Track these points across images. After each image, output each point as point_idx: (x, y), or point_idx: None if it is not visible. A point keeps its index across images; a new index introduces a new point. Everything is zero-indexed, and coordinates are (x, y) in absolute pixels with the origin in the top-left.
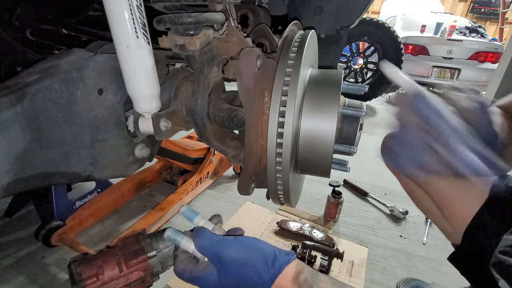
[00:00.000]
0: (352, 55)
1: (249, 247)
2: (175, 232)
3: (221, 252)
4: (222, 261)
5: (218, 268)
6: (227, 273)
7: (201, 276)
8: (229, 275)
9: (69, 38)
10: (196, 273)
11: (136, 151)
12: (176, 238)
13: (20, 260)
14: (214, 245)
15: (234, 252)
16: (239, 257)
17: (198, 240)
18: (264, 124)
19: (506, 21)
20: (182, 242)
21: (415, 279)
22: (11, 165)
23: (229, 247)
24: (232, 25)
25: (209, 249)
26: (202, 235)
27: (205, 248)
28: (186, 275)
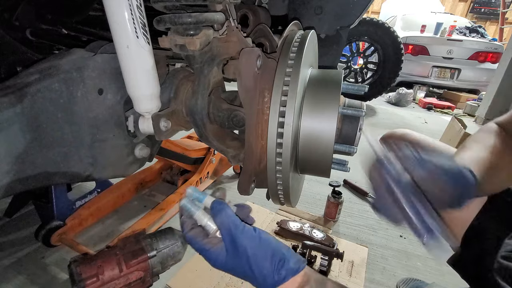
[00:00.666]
0: (352, 55)
1: (265, 245)
2: (190, 202)
3: (238, 238)
4: (236, 248)
5: (230, 251)
6: (235, 260)
7: (211, 251)
8: (237, 262)
9: (69, 38)
10: (207, 246)
11: (136, 151)
12: (191, 208)
13: (20, 260)
14: (234, 228)
15: (250, 243)
16: (253, 251)
17: (220, 217)
18: (264, 124)
19: (506, 21)
20: (197, 213)
21: (415, 279)
22: (11, 165)
23: (247, 237)
24: (232, 25)
25: (228, 230)
26: (224, 213)
27: (224, 227)
28: (197, 244)
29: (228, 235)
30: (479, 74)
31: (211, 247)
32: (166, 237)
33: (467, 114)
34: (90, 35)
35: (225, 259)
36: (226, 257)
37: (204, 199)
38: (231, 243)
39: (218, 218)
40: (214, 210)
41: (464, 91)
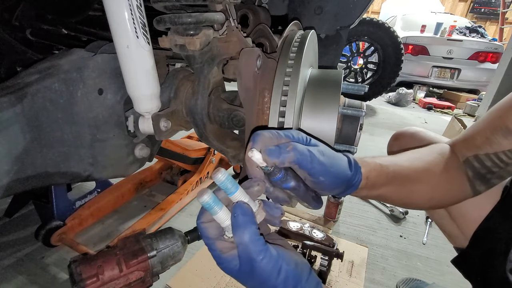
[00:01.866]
0: (352, 55)
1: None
2: (214, 199)
3: (256, 267)
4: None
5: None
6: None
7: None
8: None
9: (69, 38)
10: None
11: (136, 151)
12: (214, 208)
13: (20, 260)
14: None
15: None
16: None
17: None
18: (264, 124)
19: (506, 21)
20: (219, 214)
21: (415, 279)
22: (11, 165)
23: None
24: (232, 25)
25: (246, 255)
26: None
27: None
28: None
29: (245, 259)
30: (479, 74)
31: (222, 253)
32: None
33: (467, 114)
34: (90, 35)
35: (236, 272)
36: (237, 271)
37: (234, 194)
38: (247, 265)
39: (238, 236)
40: (235, 224)
41: (464, 91)
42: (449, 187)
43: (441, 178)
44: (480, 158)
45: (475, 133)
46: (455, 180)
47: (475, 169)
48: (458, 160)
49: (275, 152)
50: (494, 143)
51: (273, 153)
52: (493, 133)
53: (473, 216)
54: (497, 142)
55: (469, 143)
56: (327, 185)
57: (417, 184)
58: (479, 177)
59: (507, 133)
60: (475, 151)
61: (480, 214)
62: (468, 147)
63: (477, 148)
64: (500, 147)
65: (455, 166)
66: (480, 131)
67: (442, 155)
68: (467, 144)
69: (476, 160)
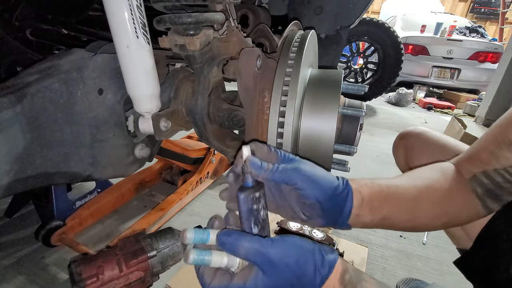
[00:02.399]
0: (352, 55)
1: (298, 248)
2: (199, 252)
3: (270, 253)
4: (273, 262)
5: (267, 271)
6: (276, 277)
7: (247, 285)
8: (279, 278)
9: (69, 38)
10: (239, 283)
11: (136, 151)
12: (205, 258)
13: (20, 260)
14: (261, 248)
15: (284, 252)
16: (291, 259)
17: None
18: (264, 124)
19: (506, 21)
20: (213, 259)
21: (415, 279)
22: (11, 165)
23: (278, 247)
24: (232, 25)
25: (256, 254)
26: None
27: (250, 254)
28: None
29: (258, 257)
30: (479, 74)
31: (245, 281)
32: (166, 237)
33: (467, 114)
34: (90, 35)
35: (265, 282)
36: (265, 279)
37: (209, 238)
38: (265, 262)
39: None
40: (226, 245)
41: (464, 91)
42: (456, 204)
43: (446, 195)
44: (489, 174)
45: (479, 149)
46: (463, 197)
47: (485, 186)
48: (463, 178)
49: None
50: (501, 158)
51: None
52: (498, 148)
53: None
54: (504, 156)
55: (474, 160)
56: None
57: (420, 202)
58: (489, 194)
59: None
60: (483, 167)
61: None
62: (474, 164)
63: (484, 164)
64: (508, 162)
65: (461, 183)
66: (484, 147)
67: (444, 172)
68: (472, 160)
69: (484, 176)
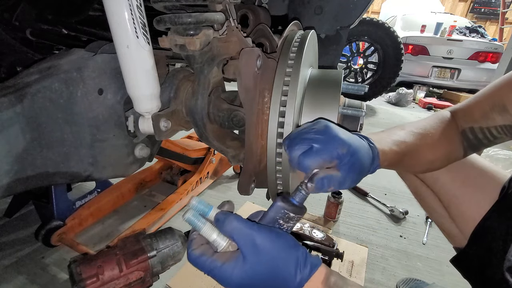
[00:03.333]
0: (352, 55)
1: (285, 240)
2: (196, 215)
3: (256, 236)
4: (257, 247)
5: (249, 255)
6: (258, 263)
7: (225, 266)
8: (260, 265)
9: (69, 38)
10: (217, 261)
11: (136, 151)
12: (198, 223)
13: (20, 260)
14: (248, 229)
15: (270, 240)
16: (275, 248)
17: (228, 222)
18: (264, 124)
19: (506, 21)
20: (204, 228)
21: (415, 279)
22: (11, 165)
23: (265, 234)
24: (232, 25)
25: (240, 232)
26: (232, 219)
27: (236, 231)
28: (204, 261)
29: (242, 237)
30: (479, 74)
31: (224, 262)
32: (166, 237)
33: None
34: (90, 35)
35: (244, 269)
36: (244, 265)
37: (210, 213)
38: (248, 245)
39: (227, 225)
40: (220, 221)
41: (464, 91)
42: (447, 151)
43: (440, 142)
44: (474, 131)
45: (475, 105)
46: (453, 146)
47: (469, 140)
48: (457, 128)
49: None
50: (489, 119)
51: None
52: (491, 109)
53: (472, 215)
54: (492, 117)
55: (467, 115)
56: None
57: (421, 153)
58: (471, 146)
59: (503, 111)
60: (471, 124)
61: (478, 214)
62: (465, 119)
63: (474, 121)
64: (494, 122)
65: (454, 134)
66: (480, 104)
67: (442, 121)
68: (465, 115)
69: (470, 132)
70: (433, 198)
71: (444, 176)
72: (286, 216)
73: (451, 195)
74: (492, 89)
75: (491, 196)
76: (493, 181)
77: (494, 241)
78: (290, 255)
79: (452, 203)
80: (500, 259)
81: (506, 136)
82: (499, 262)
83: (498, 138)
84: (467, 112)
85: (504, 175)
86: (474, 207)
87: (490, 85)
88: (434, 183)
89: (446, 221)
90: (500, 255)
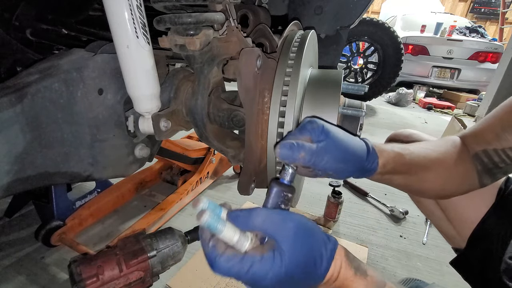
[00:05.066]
0: (352, 55)
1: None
2: (213, 217)
3: (288, 222)
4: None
5: (286, 246)
6: (295, 249)
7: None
8: (297, 251)
9: (69, 38)
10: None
11: (136, 151)
12: (218, 226)
13: (20, 260)
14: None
15: (302, 223)
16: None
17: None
18: (264, 124)
19: (506, 21)
20: (225, 230)
21: (415, 279)
22: (11, 165)
23: (294, 221)
24: (232, 25)
25: (272, 222)
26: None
27: (267, 222)
28: (240, 264)
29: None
30: (479, 74)
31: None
32: (166, 237)
33: (467, 114)
34: (90, 35)
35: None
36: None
37: (221, 213)
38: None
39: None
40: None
41: (464, 91)
42: (460, 179)
43: (454, 170)
44: (488, 153)
45: (486, 128)
46: (467, 173)
47: (484, 164)
48: (468, 154)
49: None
50: (503, 140)
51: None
52: (503, 130)
53: (470, 217)
54: (506, 138)
55: (479, 138)
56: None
57: (430, 173)
58: (486, 171)
59: None
60: (485, 146)
61: (476, 216)
62: (477, 142)
63: (487, 143)
64: (508, 144)
65: (467, 159)
66: (491, 127)
67: (455, 147)
68: (477, 138)
69: (485, 155)
70: (430, 201)
71: None
72: (286, 199)
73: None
74: (500, 111)
75: (488, 198)
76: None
77: (492, 244)
78: (319, 234)
79: (449, 206)
80: (497, 262)
81: None
82: (496, 265)
83: None
84: (478, 135)
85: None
86: (471, 209)
87: (497, 108)
88: None
89: (444, 223)
90: (498, 258)
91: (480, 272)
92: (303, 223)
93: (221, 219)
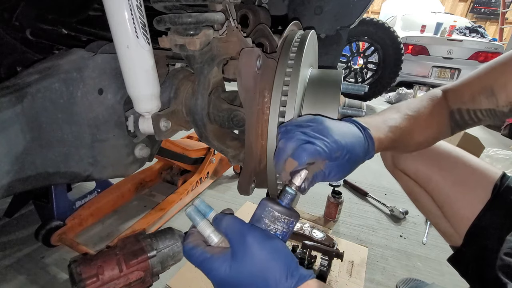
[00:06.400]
0: (352, 55)
1: (277, 245)
2: (196, 211)
3: (247, 235)
4: (246, 245)
5: (238, 252)
6: (245, 260)
7: (213, 258)
8: (246, 263)
9: (69, 38)
10: (207, 253)
11: (136, 151)
12: (196, 218)
13: (20, 260)
14: (241, 227)
15: (259, 240)
16: (263, 250)
17: (225, 221)
18: (264, 124)
19: (506, 21)
20: (201, 223)
21: (415, 279)
22: (11, 165)
23: (257, 235)
24: (232, 25)
25: (233, 229)
26: (229, 217)
27: (229, 227)
28: (197, 253)
29: (235, 234)
30: None
31: (213, 254)
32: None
33: None
34: (90, 35)
35: (231, 265)
36: (232, 261)
37: (210, 214)
38: (240, 241)
39: (223, 222)
40: (217, 219)
41: None
42: (436, 132)
43: (431, 124)
44: (461, 112)
45: (465, 87)
46: (441, 125)
47: (456, 121)
48: (447, 109)
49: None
50: (477, 102)
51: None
52: (479, 92)
53: (466, 214)
54: (479, 100)
55: (457, 96)
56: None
57: (412, 135)
58: (457, 126)
59: (491, 95)
60: (459, 105)
61: (472, 213)
62: (455, 100)
63: (462, 103)
64: (480, 106)
65: (443, 113)
66: (470, 86)
67: (434, 100)
68: (455, 96)
69: (458, 113)
70: (427, 199)
71: (437, 176)
72: (271, 215)
73: (444, 195)
74: (483, 71)
75: (484, 194)
76: (485, 180)
77: (488, 240)
78: (278, 260)
79: (445, 203)
80: (494, 258)
81: (489, 119)
82: (493, 261)
83: (482, 120)
84: (457, 93)
85: (496, 173)
86: (467, 206)
87: (482, 67)
88: (427, 183)
89: (441, 221)
90: (494, 254)
91: (476, 268)
92: (263, 243)
93: (204, 216)
